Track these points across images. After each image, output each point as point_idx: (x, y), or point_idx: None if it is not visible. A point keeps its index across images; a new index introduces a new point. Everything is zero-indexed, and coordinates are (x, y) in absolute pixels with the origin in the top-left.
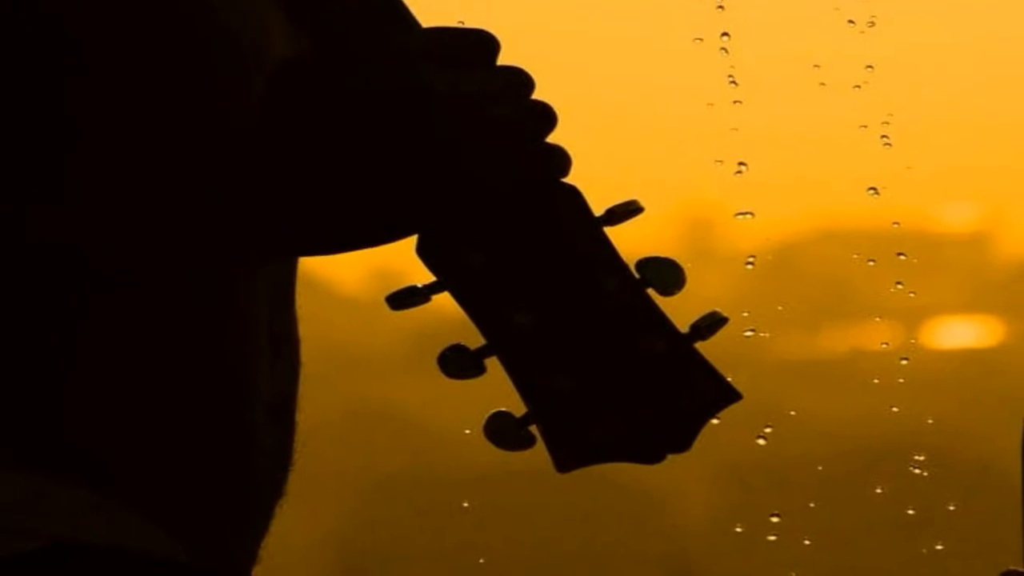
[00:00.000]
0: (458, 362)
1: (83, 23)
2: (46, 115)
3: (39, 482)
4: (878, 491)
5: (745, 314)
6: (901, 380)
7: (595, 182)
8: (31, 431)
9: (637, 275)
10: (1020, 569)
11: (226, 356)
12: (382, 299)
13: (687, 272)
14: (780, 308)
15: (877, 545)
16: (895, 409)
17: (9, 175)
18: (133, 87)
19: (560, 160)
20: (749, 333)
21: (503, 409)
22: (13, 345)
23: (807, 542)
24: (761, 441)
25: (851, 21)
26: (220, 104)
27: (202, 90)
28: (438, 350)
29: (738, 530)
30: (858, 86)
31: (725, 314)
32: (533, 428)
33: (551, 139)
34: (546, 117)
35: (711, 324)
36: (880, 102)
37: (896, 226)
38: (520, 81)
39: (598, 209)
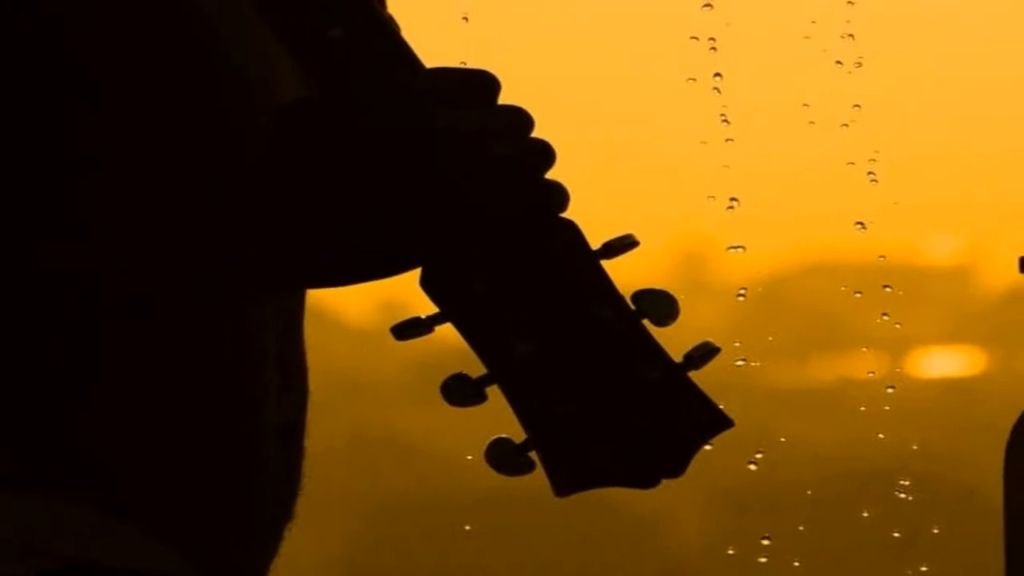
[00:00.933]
0: (460, 390)
1: (98, 58)
2: (63, 147)
3: (53, 503)
4: (865, 515)
5: (737, 344)
6: (887, 408)
7: (592, 217)
8: (46, 454)
9: (633, 306)
10: None
11: (237, 383)
12: (387, 330)
13: (680, 303)
14: (770, 338)
15: (864, 567)
16: (881, 436)
17: (27, 205)
18: (145, 121)
19: (559, 196)
20: (740, 362)
21: (504, 436)
22: (30, 370)
23: (797, 564)
24: (752, 466)
25: (839, 62)
26: (229, 139)
27: (211, 125)
28: (441, 379)
29: (730, 552)
30: (846, 125)
31: (717, 344)
32: (532, 454)
33: (550, 175)
34: (545, 154)
35: (704, 354)
36: (867, 140)
37: (882, 259)
38: (520, 120)
39: (595, 243)
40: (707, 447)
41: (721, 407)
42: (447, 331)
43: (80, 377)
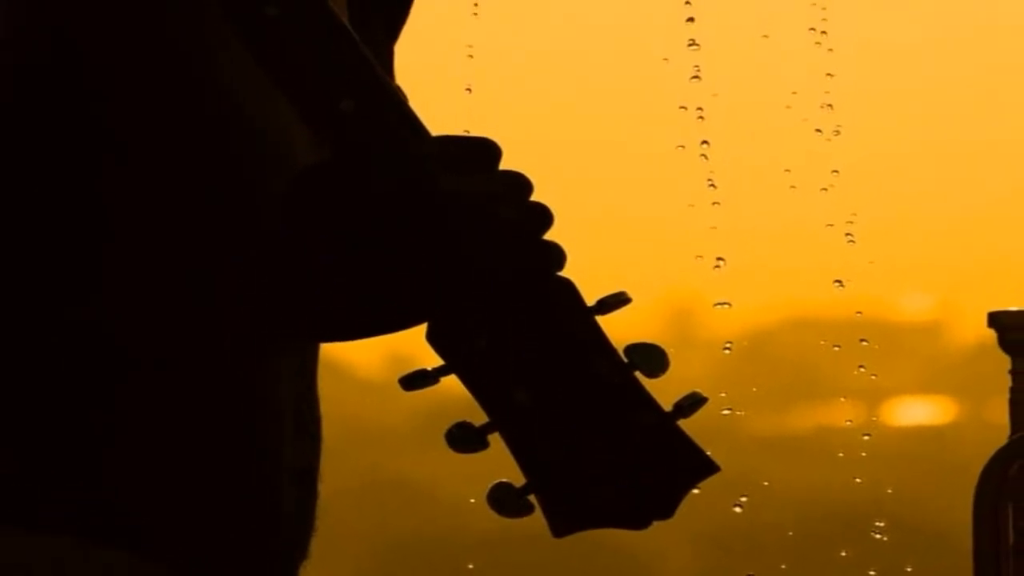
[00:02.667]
0: (464, 437)
1: (123, 123)
2: (88, 207)
3: (83, 544)
4: (843, 554)
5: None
6: (864, 454)
7: (588, 275)
8: (72, 497)
9: (625, 359)
10: None
11: (255, 430)
12: (395, 381)
13: (670, 356)
14: (754, 389)
15: None
16: (858, 480)
17: (53, 261)
18: (167, 182)
19: (557, 255)
20: (726, 411)
21: (504, 480)
22: (55, 417)
23: None
24: (737, 509)
25: (818, 130)
26: (247, 200)
27: (230, 187)
28: (445, 427)
29: None
30: (825, 189)
31: (705, 394)
32: (532, 497)
33: (548, 236)
34: (544, 216)
35: (692, 403)
36: (845, 203)
37: (859, 315)
38: (520, 184)
39: (590, 299)
40: (695, 491)
41: (708, 453)
42: (451, 382)
43: (104, 425)
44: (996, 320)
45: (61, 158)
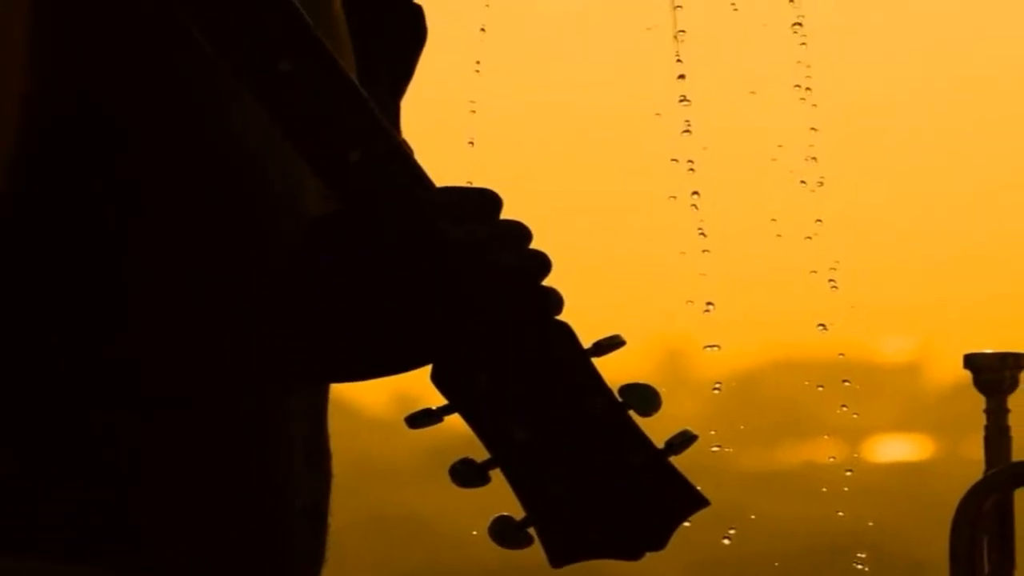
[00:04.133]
0: (466, 473)
1: (144, 175)
2: (112, 253)
3: (100, 573)
4: None
5: (712, 432)
6: (846, 488)
7: (584, 319)
8: (100, 529)
9: (620, 398)
10: None
11: (267, 467)
12: (402, 419)
13: (663, 396)
14: (742, 427)
15: None
16: (841, 513)
17: (77, 304)
18: (185, 231)
19: (554, 300)
20: (716, 448)
21: (505, 513)
22: (77, 450)
23: None
24: (726, 541)
25: (803, 181)
26: (260, 247)
27: (244, 234)
28: (449, 463)
29: None
30: (809, 237)
31: (695, 432)
32: (531, 530)
33: (547, 282)
34: (543, 263)
35: (683, 441)
36: (828, 251)
37: (841, 356)
38: (520, 232)
39: (587, 342)
40: (686, 523)
41: (698, 488)
42: (455, 420)
43: (129, 461)
44: (971, 361)
45: (85, 207)
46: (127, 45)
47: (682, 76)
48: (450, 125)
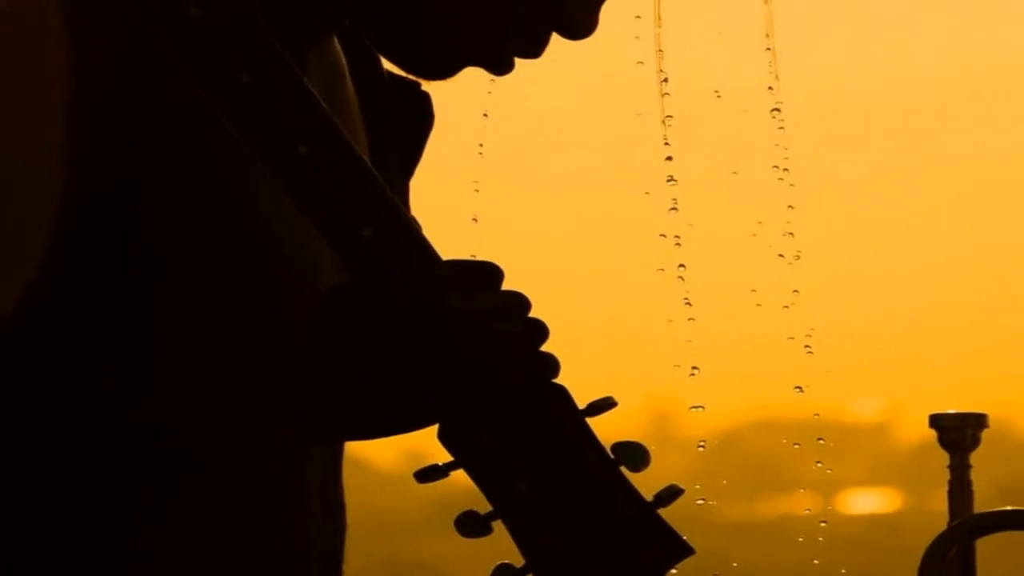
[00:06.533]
0: (470, 524)
1: (172, 250)
2: (138, 322)
3: None
4: None
5: (697, 486)
6: (821, 538)
7: (579, 382)
8: None
9: (612, 455)
10: None
11: (286, 519)
12: (411, 474)
13: (652, 453)
14: (724, 482)
15: None
16: (816, 561)
17: (108, 369)
18: (211, 303)
19: (552, 364)
20: (700, 501)
21: (506, 561)
22: (103, 508)
23: None
24: None
25: (781, 255)
26: (281, 318)
27: (266, 306)
28: (455, 515)
29: None
30: (787, 306)
31: (681, 486)
32: None
33: (544, 348)
34: (541, 330)
35: (670, 494)
36: (804, 319)
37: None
38: (520, 302)
39: (582, 403)
40: (673, 571)
41: (684, 537)
42: (460, 476)
43: (157, 514)
44: (936, 421)
45: (115, 279)
46: (161, 125)
47: (669, 158)
48: (455, 203)
